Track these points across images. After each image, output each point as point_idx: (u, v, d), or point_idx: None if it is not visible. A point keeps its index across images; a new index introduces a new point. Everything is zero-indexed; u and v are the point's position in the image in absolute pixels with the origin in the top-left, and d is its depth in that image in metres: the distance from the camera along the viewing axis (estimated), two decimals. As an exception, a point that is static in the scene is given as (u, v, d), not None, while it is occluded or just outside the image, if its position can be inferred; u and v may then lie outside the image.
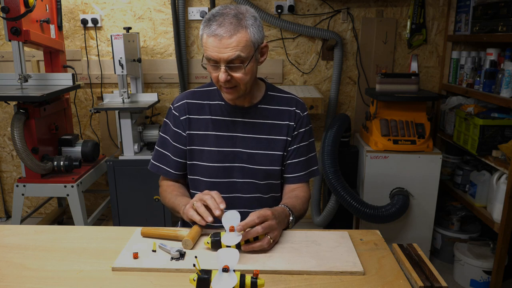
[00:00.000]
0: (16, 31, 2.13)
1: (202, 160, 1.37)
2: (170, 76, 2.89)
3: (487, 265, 2.27)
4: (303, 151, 1.41)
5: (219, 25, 1.18)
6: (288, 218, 1.23)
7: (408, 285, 0.97)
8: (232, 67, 1.21)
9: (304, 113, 1.42)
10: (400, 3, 2.76)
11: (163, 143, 1.43)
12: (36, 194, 2.43)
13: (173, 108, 1.41)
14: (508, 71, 2.04)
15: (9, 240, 1.18)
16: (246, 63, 1.21)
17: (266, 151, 1.37)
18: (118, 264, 1.03)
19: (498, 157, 2.12)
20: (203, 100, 1.39)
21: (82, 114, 2.99)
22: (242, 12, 1.21)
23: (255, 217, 1.09)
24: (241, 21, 1.19)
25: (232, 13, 1.19)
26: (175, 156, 1.40)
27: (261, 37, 1.25)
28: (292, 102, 1.42)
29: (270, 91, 1.42)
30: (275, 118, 1.39)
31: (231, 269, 0.85)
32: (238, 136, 1.37)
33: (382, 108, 2.50)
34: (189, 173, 1.42)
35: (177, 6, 2.72)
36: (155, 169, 1.43)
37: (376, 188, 2.47)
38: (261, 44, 1.26)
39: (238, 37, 1.18)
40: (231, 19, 1.18)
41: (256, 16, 1.23)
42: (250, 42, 1.20)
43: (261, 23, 1.25)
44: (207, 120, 1.37)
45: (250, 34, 1.20)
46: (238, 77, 1.23)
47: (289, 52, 2.85)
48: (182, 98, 1.41)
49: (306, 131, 1.41)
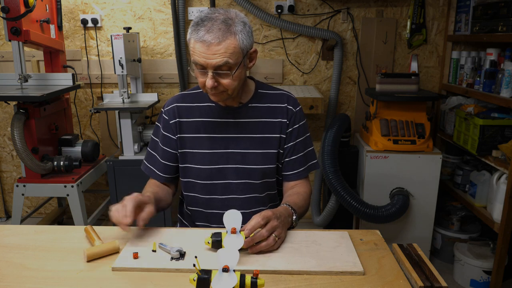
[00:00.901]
0: (16, 31, 2.13)
1: (195, 163, 1.37)
2: (170, 76, 2.89)
3: (487, 265, 2.27)
4: (300, 147, 1.40)
5: (207, 30, 1.16)
6: (292, 217, 1.23)
7: (408, 285, 0.97)
8: (219, 73, 1.19)
9: (297, 108, 1.40)
10: (400, 3, 2.76)
11: (153, 145, 1.45)
12: (36, 194, 2.43)
13: (163, 112, 1.41)
14: (508, 71, 2.04)
15: (9, 240, 1.18)
16: (234, 69, 1.20)
17: (260, 150, 1.36)
18: (118, 264, 1.03)
19: (498, 157, 2.13)
20: (193, 103, 1.39)
21: (82, 114, 2.99)
22: (231, 18, 1.19)
23: (260, 219, 1.09)
24: (230, 27, 1.17)
25: (221, 18, 1.17)
26: (163, 159, 1.41)
27: (250, 43, 1.23)
28: (283, 98, 1.40)
29: (260, 89, 1.40)
30: (267, 116, 1.37)
31: (231, 269, 0.86)
32: (231, 137, 1.36)
33: (382, 108, 2.50)
34: (182, 176, 1.42)
35: (177, 6, 2.72)
36: (147, 170, 1.45)
37: (376, 188, 2.47)
38: (250, 50, 1.25)
39: (227, 43, 1.16)
40: (219, 24, 1.16)
41: (245, 22, 1.21)
42: (239, 49, 1.18)
43: (250, 29, 1.23)
44: (198, 122, 1.37)
45: (239, 40, 1.18)
46: (225, 83, 1.21)
47: (289, 52, 2.85)
48: (172, 101, 1.41)
49: (301, 126, 1.40)
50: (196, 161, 1.37)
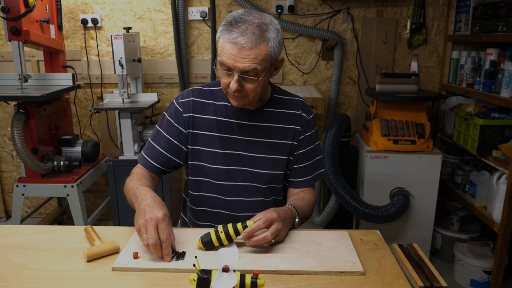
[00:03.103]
0: (16, 31, 2.13)
1: (206, 161, 1.35)
2: (170, 76, 2.89)
3: (487, 265, 2.27)
4: (309, 155, 1.39)
5: (241, 33, 1.12)
6: (294, 219, 1.23)
7: (408, 285, 0.97)
8: (245, 78, 1.17)
9: (310, 116, 1.39)
10: (400, 3, 2.76)
11: (156, 136, 1.37)
12: (36, 194, 2.43)
13: (176, 103, 1.36)
14: (508, 71, 2.04)
15: (9, 240, 1.18)
16: (261, 76, 1.17)
17: (270, 155, 1.35)
18: (118, 264, 1.03)
19: (498, 157, 2.12)
20: (208, 100, 1.35)
21: (82, 114, 2.99)
22: (266, 23, 1.16)
23: (261, 223, 1.08)
24: (264, 33, 1.14)
25: (256, 22, 1.15)
26: (165, 150, 1.34)
27: (279, 51, 1.21)
28: (298, 105, 1.39)
29: (276, 94, 1.39)
30: (281, 121, 1.36)
31: (231, 269, 0.85)
32: (243, 139, 1.34)
33: (382, 108, 2.50)
34: (192, 175, 1.38)
35: (177, 6, 2.72)
36: (142, 161, 1.37)
37: (376, 188, 2.47)
38: (277, 58, 1.23)
39: (258, 49, 1.13)
40: (254, 29, 1.13)
41: (279, 29, 1.19)
42: (269, 56, 1.16)
43: (282, 37, 1.21)
44: (212, 120, 1.34)
45: (270, 48, 1.15)
46: (249, 88, 1.19)
47: (289, 52, 2.85)
48: (188, 95, 1.36)
49: (312, 134, 1.39)
50: (207, 159, 1.34)
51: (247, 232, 1.07)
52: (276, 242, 1.14)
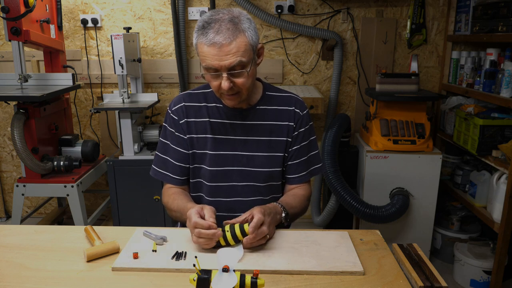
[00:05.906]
0: (16, 31, 2.13)
1: (203, 164, 1.36)
2: (170, 76, 2.89)
3: (487, 265, 2.27)
4: (304, 151, 1.40)
5: (216, 32, 1.14)
6: (280, 215, 1.23)
7: (408, 285, 0.97)
8: (234, 73, 1.18)
9: (304, 111, 1.39)
10: (400, 3, 2.76)
11: (163, 148, 1.40)
12: (36, 194, 2.43)
13: (171, 112, 1.38)
14: (508, 71, 2.04)
15: (9, 240, 1.18)
16: (248, 67, 1.19)
17: (266, 153, 1.35)
18: (118, 264, 1.03)
19: (498, 157, 2.12)
20: (200, 102, 1.36)
21: (82, 114, 2.99)
22: (237, 16, 1.18)
23: (261, 215, 1.10)
24: (238, 25, 1.16)
25: (226, 18, 1.16)
26: (177, 161, 1.37)
27: (258, 38, 1.23)
28: (291, 101, 1.39)
29: (268, 91, 1.39)
30: (275, 119, 1.36)
31: (231, 269, 0.86)
32: (238, 139, 1.34)
33: (382, 108, 2.50)
34: (192, 177, 1.40)
35: (177, 6, 2.72)
36: (160, 176, 1.40)
37: (376, 188, 2.47)
38: (258, 46, 1.24)
39: (238, 42, 1.15)
40: (227, 24, 1.15)
41: (250, 18, 1.21)
42: (249, 46, 1.18)
43: (255, 25, 1.23)
44: (205, 123, 1.35)
45: (248, 37, 1.17)
46: (240, 83, 1.20)
47: (289, 52, 2.85)
48: (179, 101, 1.38)
49: (306, 130, 1.39)
50: (204, 161, 1.36)
51: (252, 227, 1.08)
52: (276, 242, 1.14)
